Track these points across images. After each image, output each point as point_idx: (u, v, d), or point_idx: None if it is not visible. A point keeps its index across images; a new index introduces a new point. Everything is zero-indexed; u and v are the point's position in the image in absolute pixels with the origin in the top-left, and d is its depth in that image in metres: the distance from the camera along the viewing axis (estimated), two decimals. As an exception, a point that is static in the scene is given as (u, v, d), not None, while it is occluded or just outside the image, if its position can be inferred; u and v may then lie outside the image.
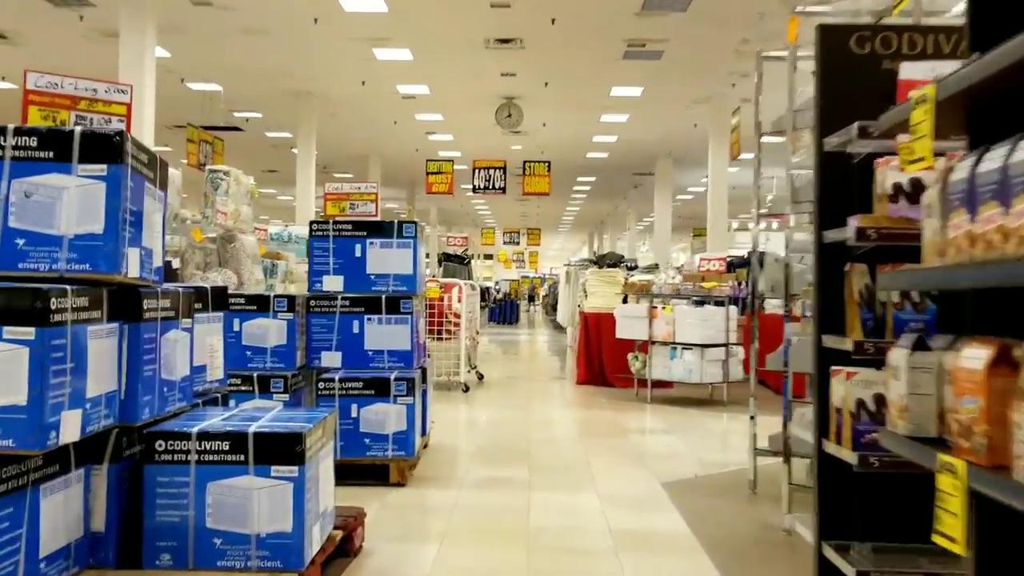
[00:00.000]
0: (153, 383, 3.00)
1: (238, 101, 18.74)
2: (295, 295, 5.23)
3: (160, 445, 2.90)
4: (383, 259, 5.36)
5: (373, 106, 18.76)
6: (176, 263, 7.29)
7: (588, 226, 44.72)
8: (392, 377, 5.00)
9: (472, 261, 13.23)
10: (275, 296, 5.16)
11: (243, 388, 5.01)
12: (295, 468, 2.86)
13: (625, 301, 10.63)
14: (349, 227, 5.37)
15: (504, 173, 19.60)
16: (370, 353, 5.30)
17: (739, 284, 9.58)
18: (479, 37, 14.03)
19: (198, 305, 3.61)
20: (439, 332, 9.56)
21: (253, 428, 2.93)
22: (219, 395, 3.79)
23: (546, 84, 16.98)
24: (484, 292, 41.81)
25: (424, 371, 5.73)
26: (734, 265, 13.21)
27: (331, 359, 5.31)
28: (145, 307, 2.92)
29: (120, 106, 5.53)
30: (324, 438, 3.19)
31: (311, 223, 5.37)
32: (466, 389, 9.42)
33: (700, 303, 9.10)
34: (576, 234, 50.92)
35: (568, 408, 8.46)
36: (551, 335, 22.37)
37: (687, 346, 8.58)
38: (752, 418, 4.95)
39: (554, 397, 9.43)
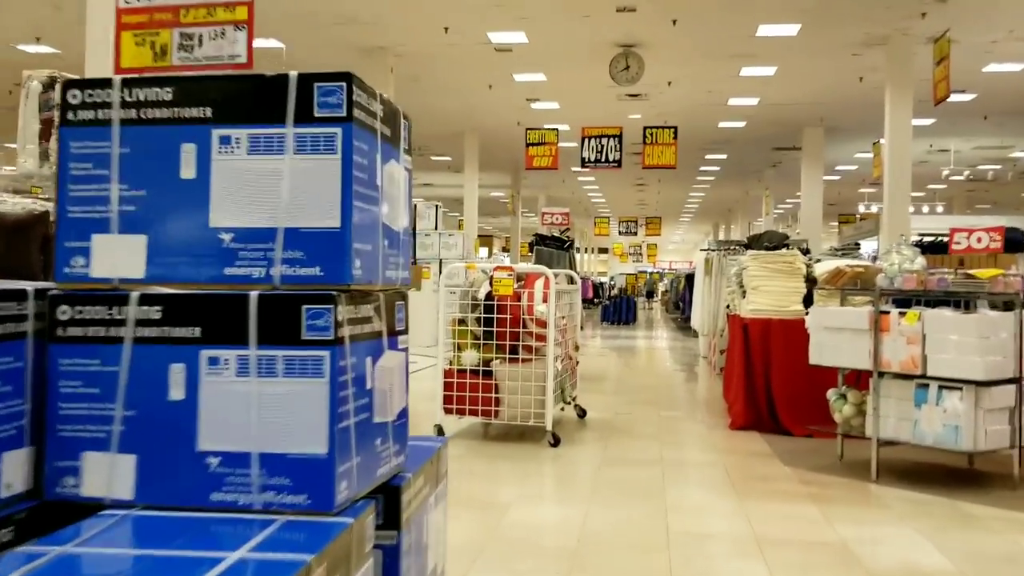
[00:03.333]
0: None
1: (305, 62, 15.67)
2: None
3: None
4: (258, 187, 1.81)
5: (461, 63, 15.33)
6: None
7: (713, 215, 40.21)
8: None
9: (575, 246, 9.53)
10: (-79, 293, 1.68)
11: None
12: None
13: (807, 302, 6.75)
14: (167, 95, 1.83)
15: (619, 143, 15.83)
16: (210, 462, 1.76)
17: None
18: (586, -52, 10.38)
19: None
20: (513, 349, 5.98)
21: None
22: None
23: (674, 22, 13.10)
24: (597, 288, 37.98)
25: (397, 500, 2.10)
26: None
27: (104, 475, 1.79)
28: None
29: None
30: None
31: (65, 84, 1.85)
32: (555, 442, 5.77)
33: (957, 305, 5.20)
34: (699, 224, 46.39)
35: (734, 497, 4.64)
36: (675, 338, 18.44)
37: (950, 384, 4.68)
38: None
39: (701, 463, 5.64)
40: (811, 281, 6.84)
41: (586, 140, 15.83)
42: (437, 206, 14.66)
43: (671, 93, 17.14)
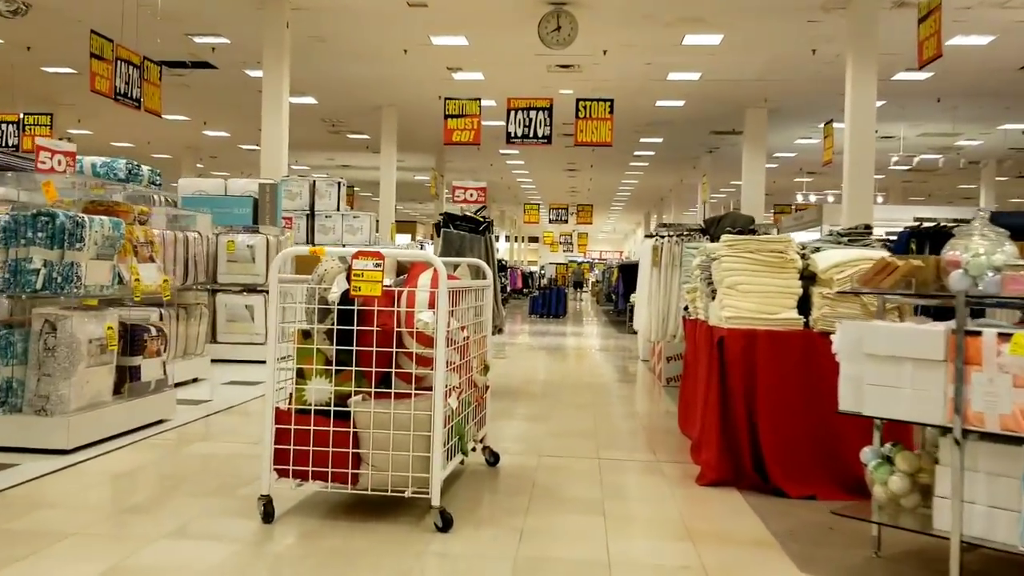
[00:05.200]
0: None
1: (188, 17, 13.17)
2: None
3: None
4: None
5: (371, 20, 13.04)
6: None
7: (645, 204, 38.55)
8: None
9: (493, 229, 7.37)
10: None
11: None
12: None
13: (804, 309, 4.77)
14: None
15: (549, 116, 13.75)
16: None
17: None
18: None
19: None
20: (383, 379, 3.84)
21: None
22: None
23: (613, -27, 11.14)
24: (527, 278, 35.92)
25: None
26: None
27: None
28: None
29: None
30: None
31: None
32: (443, 525, 3.64)
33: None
34: (630, 214, 44.77)
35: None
36: (608, 334, 16.53)
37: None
38: None
39: (672, 568, 3.54)
40: (807, 278, 4.87)
41: (513, 113, 13.71)
42: (340, 183, 12.36)
43: (606, 64, 15.15)
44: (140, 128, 21.87)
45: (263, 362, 9.68)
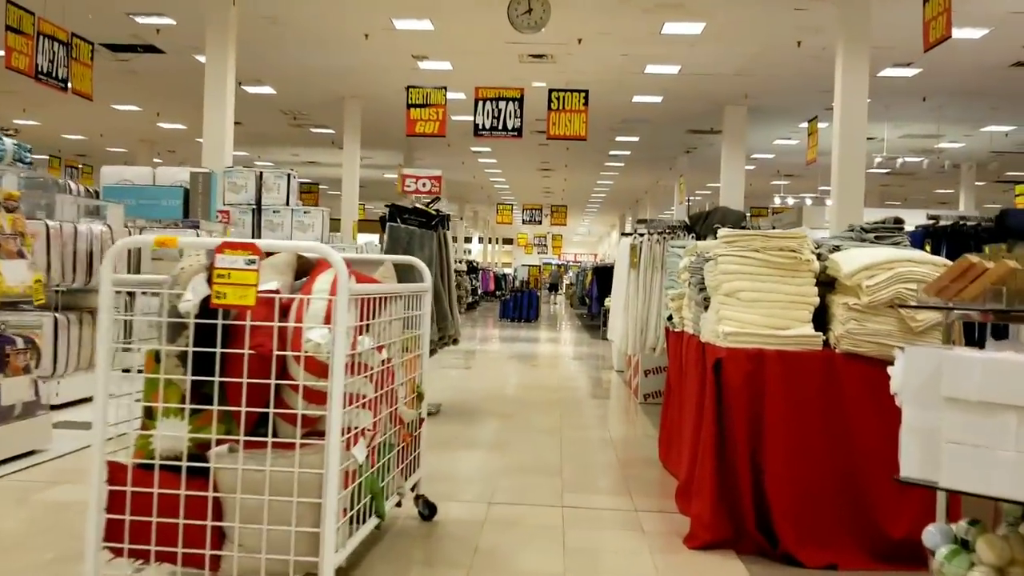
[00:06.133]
0: None
1: (127, -8, 11.97)
2: None
3: None
4: None
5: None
6: None
7: (620, 206, 37.60)
8: None
9: (448, 224, 6.24)
10: None
11: None
12: None
13: (820, 323, 3.74)
14: None
15: (520, 107, 12.69)
16: None
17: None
18: None
19: None
20: (258, 421, 2.75)
21: None
22: None
23: (587, -51, 10.09)
24: (499, 280, 34.82)
25: None
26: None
27: None
28: None
29: None
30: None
31: None
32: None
33: None
34: (605, 216, 43.81)
35: None
36: (580, 340, 15.50)
37: None
38: None
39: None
40: (824, 284, 3.84)
41: (481, 103, 12.63)
42: (289, 175, 11.20)
43: (581, 55, 14.11)
44: (91, 119, 20.54)
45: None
